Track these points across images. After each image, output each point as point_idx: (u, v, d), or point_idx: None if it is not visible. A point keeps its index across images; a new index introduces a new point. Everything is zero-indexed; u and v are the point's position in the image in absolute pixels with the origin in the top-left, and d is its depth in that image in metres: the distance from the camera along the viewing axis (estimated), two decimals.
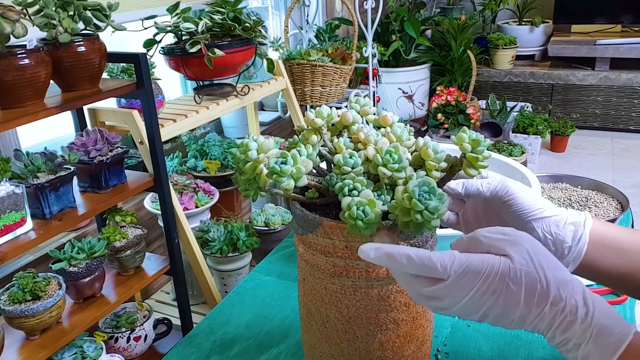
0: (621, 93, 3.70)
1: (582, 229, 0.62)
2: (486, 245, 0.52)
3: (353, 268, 0.60)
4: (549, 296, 0.49)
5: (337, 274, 0.61)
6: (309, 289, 0.65)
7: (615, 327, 0.48)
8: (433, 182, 0.53)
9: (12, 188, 1.06)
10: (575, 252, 0.61)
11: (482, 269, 0.49)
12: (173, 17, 1.51)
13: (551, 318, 0.49)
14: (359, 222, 0.52)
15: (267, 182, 0.57)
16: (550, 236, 0.62)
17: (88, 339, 1.33)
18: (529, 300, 0.49)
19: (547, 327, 0.49)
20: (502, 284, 0.49)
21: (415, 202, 0.51)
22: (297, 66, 2.32)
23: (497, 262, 0.49)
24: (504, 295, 0.49)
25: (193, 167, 1.98)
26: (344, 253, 0.59)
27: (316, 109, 0.66)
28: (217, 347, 0.87)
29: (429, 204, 0.51)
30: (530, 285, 0.49)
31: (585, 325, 0.48)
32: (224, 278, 1.77)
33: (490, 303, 0.49)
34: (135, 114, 1.38)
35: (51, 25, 1.06)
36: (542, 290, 0.49)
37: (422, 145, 0.59)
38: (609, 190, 1.17)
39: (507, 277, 0.49)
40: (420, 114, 3.70)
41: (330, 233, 0.59)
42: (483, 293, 0.49)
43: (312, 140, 0.64)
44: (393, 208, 0.54)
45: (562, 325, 0.49)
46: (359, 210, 0.52)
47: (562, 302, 0.49)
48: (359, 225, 0.52)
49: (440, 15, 4.11)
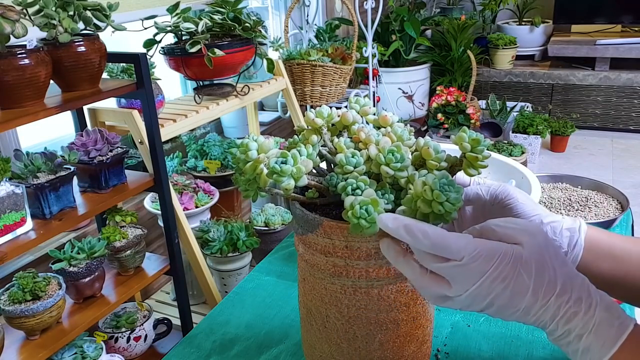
0: (621, 93, 3.70)
1: (577, 235, 0.63)
2: (499, 234, 0.52)
3: (353, 268, 0.60)
4: (556, 287, 0.49)
5: (337, 274, 0.61)
6: (309, 289, 0.65)
7: (617, 319, 0.49)
8: (450, 176, 0.53)
9: (12, 188, 1.06)
10: (571, 258, 0.62)
11: (496, 254, 0.49)
12: (173, 17, 1.51)
13: (555, 309, 0.49)
14: (362, 221, 0.52)
15: (267, 182, 0.57)
16: None
17: (88, 339, 1.33)
18: (537, 289, 0.49)
19: (551, 318, 0.49)
20: (514, 271, 0.49)
21: (438, 194, 0.51)
22: (297, 66, 2.32)
23: (510, 249, 0.50)
24: (514, 282, 0.49)
25: (193, 167, 1.98)
26: (344, 253, 0.59)
27: (316, 109, 0.66)
28: (217, 347, 0.87)
29: (450, 195, 0.52)
30: (540, 274, 0.49)
31: (588, 317, 0.48)
32: (224, 278, 1.77)
33: (499, 290, 0.49)
34: (135, 114, 1.38)
35: (51, 25, 1.06)
36: (551, 280, 0.49)
37: (423, 145, 0.59)
38: (609, 190, 1.17)
39: (519, 264, 0.49)
40: (420, 114, 3.70)
41: (330, 233, 0.59)
42: (494, 279, 0.49)
43: (312, 140, 0.64)
44: (409, 201, 0.54)
45: (565, 316, 0.49)
46: (362, 210, 0.52)
47: (568, 294, 0.49)
48: (362, 224, 0.52)
49: (440, 15, 4.11)
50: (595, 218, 1.09)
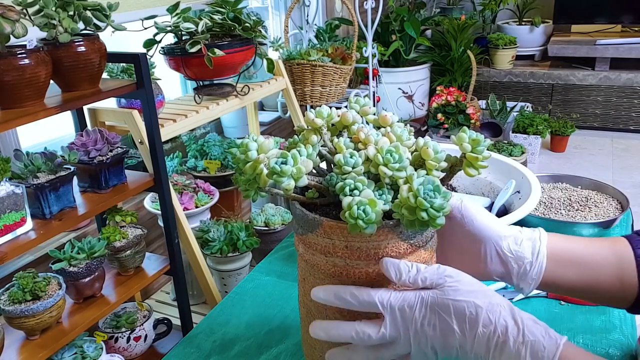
0: (621, 93, 3.70)
1: (538, 243, 0.64)
2: (422, 283, 0.56)
3: (353, 268, 0.60)
4: (478, 321, 0.52)
5: (337, 274, 0.61)
6: (309, 289, 0.65)
7: (546, 340, 0.51)
8: (437, 181, 0.53)
9: (12, 188, 1.06)
10: (537, 267, 0.63)
11: (414, 301, 0.54)
12: (173, 17, 1.51)
13: (486, 341, 0.52)
14: (359, 222, 0.52)
15: (268, 182, 0.57)
16: (510, 254, 0.64)
17: (88, 339, 1.33)
18: (462, 326, 0.53)
19: (486, 351, 0.52)
20: (434, 314, 0.53)
21: (421, 201, 0.51)
22: (297, 66, 2.32)
23: (427, 294, 0.54)
24: (439, 324, 0.53)
25: (193, 167, 1.98)
26: (344, 253, 0.59)
27: (316, 109, 0.65)
28: (217, 347, 0.87)
29: (434, 202, 0.52)
30: (459, 313, 0.53)
31: (518, 343, 0.51)
32: (224, 278, 1.77)
33: (431, 333, 0.53)
34: (135, 114, 1.38)
35: (51, 25, 1.06)
36: (472, 316, 0.53)
37: (423, 145, 0.58)
38: (609, 190, 1.17)
39: (437, 307, 0.53)
40: (420, 114, 3.70)
41: (330, 233, 0.59)
42: (421, 324, 0.53)
43: (312, 140, 0.63)
44: (397, 207, 0.54)
45: (497, 346, 0.52)
46: (360, 210, 0.53)
47: (491, 324, 0.52)
48: (359, 224, 0.52)
49: (440, 15, 4.11)
50: (595, 218, 1.09)
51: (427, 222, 0.52)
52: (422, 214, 0.52)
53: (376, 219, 0.53)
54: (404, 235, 0.58)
